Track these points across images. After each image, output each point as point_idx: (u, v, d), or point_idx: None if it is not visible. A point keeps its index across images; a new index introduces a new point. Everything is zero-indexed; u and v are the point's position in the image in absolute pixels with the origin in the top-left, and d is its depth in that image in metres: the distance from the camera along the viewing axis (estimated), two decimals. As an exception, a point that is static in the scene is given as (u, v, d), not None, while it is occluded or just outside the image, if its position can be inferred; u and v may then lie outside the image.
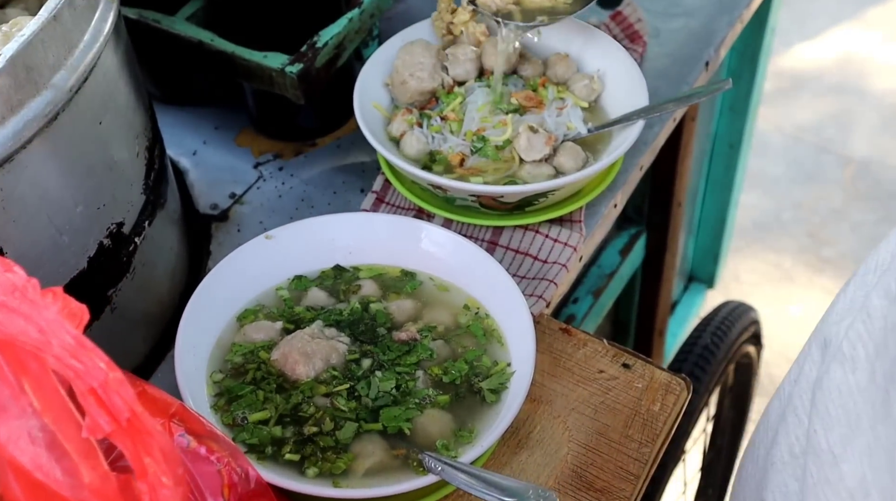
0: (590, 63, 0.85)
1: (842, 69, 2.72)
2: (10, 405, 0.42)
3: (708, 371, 1.12)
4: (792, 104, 2.65)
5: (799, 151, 2.49)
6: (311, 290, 0.70)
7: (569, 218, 0.80)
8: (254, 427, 0.60)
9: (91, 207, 0.65)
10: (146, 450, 0.41)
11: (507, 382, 0.63)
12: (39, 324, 0.42)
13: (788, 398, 0.54)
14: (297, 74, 0.79)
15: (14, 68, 0.55)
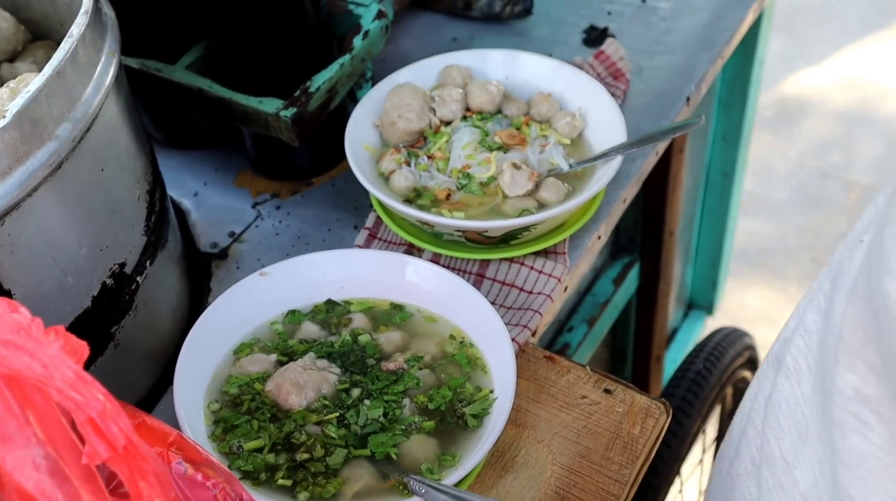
0: (571, 101, 0.88)
1: (845, 94, 2.76)
2: (16, 436, 0.46)
3: (700, 396, 1.15)
4: (795, 130, 2.68)
5: (803, 177, 2.52)
6: (304, 323, 0.73)
7: (553, 250, 0.83)
8: (249, 455, 0.63)
9: (94, 249, 0.69)
10: (141, 475, 0.45)
11: (489, 407, 0.66)
12: (43, 360, 0.45)
13: (748, 413, 0.57)
14: (292, 118, 0.83)
15: (20, 122, 0.59)
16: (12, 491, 0.45)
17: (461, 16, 1.11)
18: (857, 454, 0.41)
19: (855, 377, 0.40)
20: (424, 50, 1.00)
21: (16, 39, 0.82)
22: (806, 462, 0.47)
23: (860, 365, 0.40)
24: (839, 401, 0.41)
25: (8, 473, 0.45)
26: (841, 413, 0.41)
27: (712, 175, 1.59)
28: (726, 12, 1.08)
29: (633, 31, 1.07)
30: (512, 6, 1.08)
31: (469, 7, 1.10)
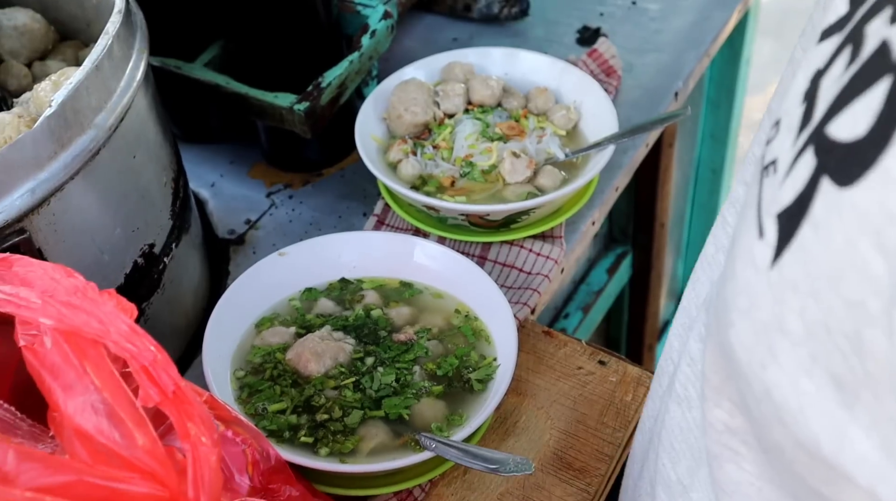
0: (567, 95, 0.94)
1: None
2: (76, 384, 0.51)
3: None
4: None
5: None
6: (320, 300, 0.79)
7: (550, 234, 0.89)
8: (273, 416, 0.69)
9: (127, 229, 0.74)
10: (189, 417, 0.50)
11: (492, 373, 0.72)
12: (99, 317, 0.51)
13: (648, 433, 0.58)
14: (305, 112, 0.89)
15: (64, 111, 0.65)
16: (72, 433, 0.51)
17: (461, 17, 1.17)
18: (732, 482, 0.42)
19: (722, 411, 0.41)
20: (427, 49, 1.05)
21: (46, 39, 0.88)
22: (701, 485, 0.48)
23: (725, 401, 0.41)
24: (711, 435, 0.43)
25: (69, 416, 0.50)
26: (715, 446, 0.43)
27: (702, 172, 1.64)
28: (712, 13, 1.14)
29: (624, 31, 1.13)
30: (509, 8, 1.14)
31: (469, 9, 1.16)
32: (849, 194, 0.30)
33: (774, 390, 0.34)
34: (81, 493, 0.46)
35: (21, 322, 0.53)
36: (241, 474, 0.64)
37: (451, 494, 0.73)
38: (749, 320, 0.35)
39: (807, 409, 0.32)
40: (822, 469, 0.33)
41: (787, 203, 0.34)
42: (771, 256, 0.34)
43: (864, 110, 0.31)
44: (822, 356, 0.31)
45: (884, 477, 0.30)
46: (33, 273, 0.54)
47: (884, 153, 0.29)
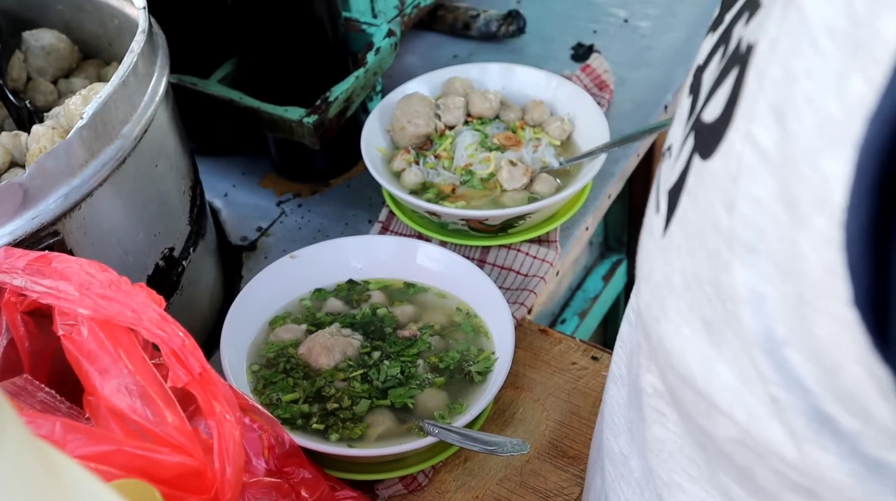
0: (561, 108, 1.00)
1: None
2: (111, 368, 0.56)
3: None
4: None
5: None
6: (329, 299, 0.84)
7: (546, 238, 0.94)
8: (286, 405, 0.74)
9: (149, 233, 0.79)
10: (213, 396, 0.55)
11: (491, 366, 0.77)
12: (132, 306, 0.56)
13: (599, 417, 0.63)
14: (314, 124, 0.94)
15: (94, 122, 0.70)
16: (107, 412, 0.56)
17: (461, 35, 1.23)
18: (658, 440, 0.48)
19: (651, 376, 0.47)
20: (428, 66, 1.10)
21: (71, 58, 0.94)
22: (636, 455, 0.53)
23: (654, 366, 0.47)
24: (644, 399, 0.48)
25: (105, 397, 0.56)
26: (646, 409, 0.48)
27: (695, 183, 1.70)
28: (700, 30, 1.20)
29: (617, 48, 1.19)
30: (507, 26, 1.20)
31: (468, 27, 1.22)
32: (708, 165, 0.36)
33: (665, 339, 0.40)
34: (120, 462, 0.51)
35: (60, 313, 0.59)
36: (257, 458, 0.69)
37: (452, 480, 0.78)
38: (648, 282, 0.42)
39: (686, 351, 0.38)
40: (702, 404, 0.39)
41: (674, 181, 0.40)
42: (662, 226, 0.41)
43: (723, 96, 0.37)
44: (696, 304, 0.37)
45: (739, 400, 0.36)
46: (70, 269, 0.59)
47: (728, 128, 0.35)
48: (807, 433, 0.34)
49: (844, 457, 0.33)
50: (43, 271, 0.59)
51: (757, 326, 0.33)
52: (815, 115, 0.30)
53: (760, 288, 0.33)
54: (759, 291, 0.33)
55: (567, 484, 0.78)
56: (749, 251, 0.33)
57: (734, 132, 0.35)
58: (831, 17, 0.29)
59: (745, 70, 0.35)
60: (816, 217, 0.30)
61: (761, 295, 0.33)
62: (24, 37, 0.92)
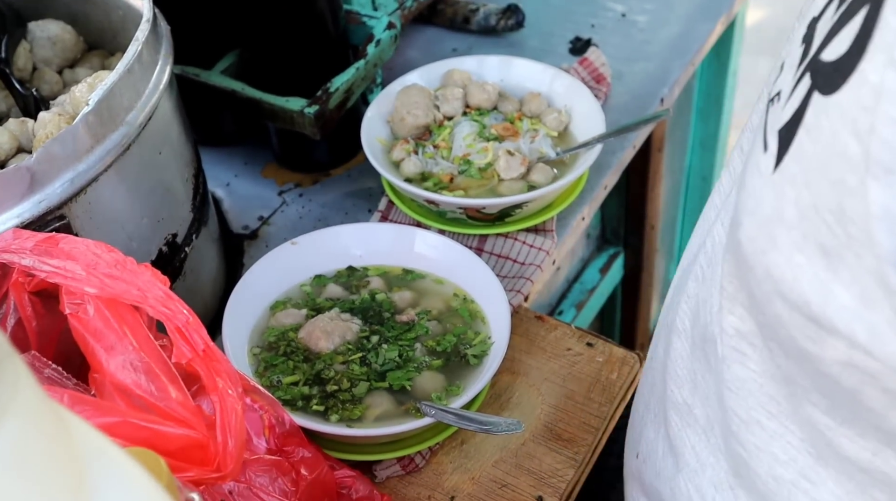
0: (558, 100, 1.01)
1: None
2: (116, 345, 0.58)
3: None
4: (779, 146, 2.81)
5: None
6: (328, 285, 0.86)
7: (542, 227, 0.96)
8: (287, 387, 0.76)
9: (153, 219, 0.81)
10: (216, 372, 0.57)
11: (487, 350, 0.79)
12: (138, 285, 0.58)
13: (647, 372, 0.68)
14: (314, 115, 0.96)
15: (100, 109, 0.72)
16: (112, 388, 0.58)
17: (460, 29, 1.24)
18: (738, 379, 0.51)
19: (735, 317, 0.50)
20: (428, 59, 1.12)
21: (76, 49, 0.95)
22: (700, 402, 0.57)
23: (738, 307, 0.50)
24: (724, 340, 0.51)
25: (111, 373, 0.57)
26: (726, 350, 0.51)
27: (692, 179, 1.71)
28: (696, 24, 1.22)
29: (614, 42, 1.20)
30: (506, 20, 1.21)
31: (467, 21, 1.23)
32: (833, 99, 0.39)
33: (773, 268, 0.43)
34: (126, 433, 0.52)
35: (67, 293, 0.60)
36: (258, 437, 0.70)
37: (449, 462, 0.80)
38: (754, 217, 0.45)
39: (799, 278, 0.41)
40: (812, 327, 0.41)
41: (786, 120, 0.43)
42: (773, 163, 0.43)
43: (847, 35, 0.40)
44: (812, 232, 0.40)
45: (860, 319, 0.39)
46: (77, 250, 0.61)
47: (860, 61, 0.38)
48: None
49: None
50: (50, 252, 0.61)
51: (891, 243, 0.36)
52: None
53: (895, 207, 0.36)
54: (894, 210, 0.36)
55: (561, 466, 0.79)
56: (887, 172, 0.36)
57: (867, 64, 0.37)
58: None
59: (878, 8, 0.38)
60: None
61: None
62: (30, 27, 0.94)
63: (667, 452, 0.62)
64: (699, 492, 0.58)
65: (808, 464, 0.48)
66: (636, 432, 0.70)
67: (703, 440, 0.57)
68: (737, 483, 0.55)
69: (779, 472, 0.50)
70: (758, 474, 0.52)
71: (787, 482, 0.50)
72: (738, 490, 0.55)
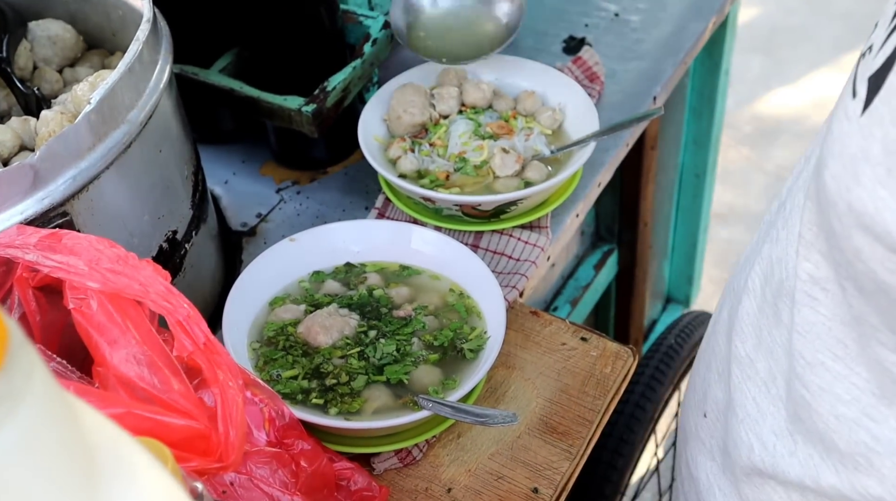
0: (552, 98, 1.03)
1: (819, 113, 2.89)
2: (119, 339, 0.59)
3: (672, 366, 1.28)
4: (772, 145, 2.82)
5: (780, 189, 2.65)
6: (327, 281, 0.87)
7: (537, 224, 0.97)
8: (286, 381, 0.77)
9: (153, 216, 0.82)
10: (217, 365, 0.58)
11: (483, 344, 0.80)
12: (140, 280, 0.59)
13: (710, 336, 0.71)
14: (312, 113, 0.97)
15: (102, 107, 0.73)
16: (116, 381, 0.59)
17: (456, 28, 1.25)
18: (807, 323, 0.54)
19: (810, 264, 0.54)
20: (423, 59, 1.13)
21: (76, 48, 0.96)
22: (763, 356, 0.61)
23: (814, 254, 0.53)
24: (798, 285, 0.55)
25: (114, 366, 0.58)
26: (799, 295, 0.55)
27: (685, 177, 1.73)
28: (689, 24, 1.23)
29: (607, 41, 1.22)
30: (500, 19, 1.22)
31: (462, 21, 1.24)
32: None
33: (856, 202, 0.46)
34: (131, 424, 0.53)
35: (70, 287, 0.61)
36: (258, 430, 0.71)
37: (446, 455, 0.81)
38: (840, 158, 0.48)
39: (882, 210, 0.44)
40: (891, 257, 0.45)
41: (877, 67, 0.46)
42: (861, 107, 0.47)
43: None
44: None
45: None
46: (80, 245, 0.62)
47: None
48: None
49: None
50: (54, 247, 0.62)
51: None
52: None
53: None
54: None
55: (556, 459, 0.80)
56: None
57: None
58: None
59: None
60: None
61: None
62: (31, 27, 0.95)
63: (727, 405, 0.66)
64: (759, 439, 0.61)
65: (871, 403, 0.51)
66: (699, 393, 0.73)
67: (763, 391, 0.61)
68: (795, 428, 0.58)
69: (841, 411, 0.54)
70: (819, 414, 0.55)
71: (849, 420, 0.53)
72: (797, 436, 0.58)
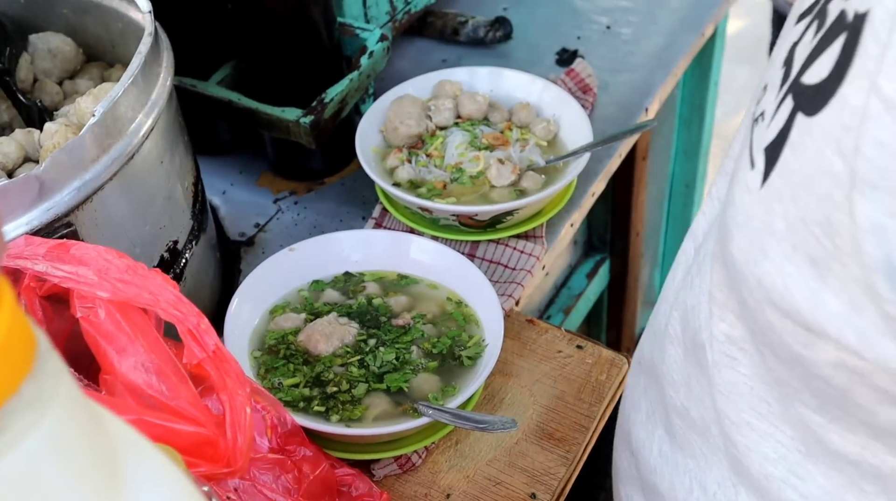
0: (546, 110, 1.04)
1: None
2: (128, 347, 0.60)
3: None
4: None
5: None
6: (326, 290, 0.88)
7: (532, 233, 0.98)
8: (288, 389, 0.78)
9: (155, 226, 0.83)
10: (226, 373, 0.59)
11: (481, 352, 0.81)
12: (150, 289, 0.60)
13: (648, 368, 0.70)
14: (310, 124, 0.98)
15: (106, 120, 0.74)
16: (124, 388, 0.60)
17: (450, 41, 1.27)
18: (729, 383, 0.54)
19: (725, 324, 0.53)
20: (418, 70, 1.14)
21: (75, 60, 0.97)
22: (695, 405, 0.60)
23: (728, 314, 0.53)
24: (715, 346, 0.54)
25: (122, 374, 0.59)
26: (717, 355, 0.54)
27: (675, 186, 1.75)
28: (679, 37, 1.25)
29: (600, 53, 1.23)
30: (494, 32, 1.24)
31: (457, 33, 1.26)
32: (816, 120, 0.42)
33: (765, 278, 0.45)
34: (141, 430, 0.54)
35: (78, 297, 0.62)
36: (261, 437, 0.72)
37: (445, 461, 0.82)
38: (744, 230, 0.47)
39: (790, 286, 0.44)
40: (803, 333, 0.44)
41: (771, 138, 0.46)
42: (760, 179, 0.46)
43: (827, 60, 0.42)
44: (801, 244, 0.43)
45: (849, 324, 0.41)
46: (88, 255, 0.63)
47: (840, 85, 0.40)
48: None
49: None
50: (62, 258, 0.63)
51: (878, 253, 0.39)
52: None
53: (882, 220, 0.38)
54: (881, 223, 0.38)
55: (553, 464, 0.82)
56: (872, 188, 0.38)
57: (848, 88, 0.40)
58: None
59: (858, 35, 0.40)
60: None
61: (883, 227, 0.38)
62: (31, 40, 0.96)
63: (669, 451, 0.65)
64: (702, 488, 0.60)
65: (798, 461, 0.51)
66: (625, 431, 0.73)
67: (703, 440, 0.60)
68: (738, 480, 0.57)
69: (769, 470, 0.53)
70: (750, 472, 0.55)
71: (776, 479, 0.53)
72: (740, 487, 0.57)
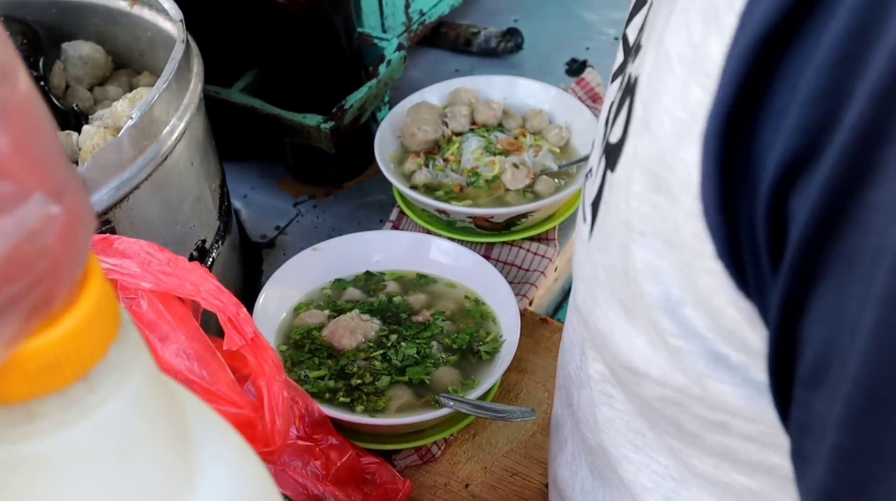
0: (559, 117, 1.08)
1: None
2: (170, 335, 0.63)
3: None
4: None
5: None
6: (348, 289, 0.91)
7: (545, 236, 1.02)
8: (314, 381, 0.81)
9: (185, 226, 0.87)
10: (263, 359, 0.62)
11: (499, 347, 0.85)
12: (191, 280, 0.63)
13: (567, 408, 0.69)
14: (330, 130, 1.02)
15: (142, 122, 0.77)
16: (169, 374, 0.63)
17: (462, 51, 1.31)
18: (608, 420, 0.55)
19: (598, 364, 0.55)
20: (432, 80, 1.18)
21: (105, 67, 1.01)
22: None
23: (599, 355, 0.54)
24: (593, 386, 0.56)
25: (166, 361, 0.63)
26: (595, 394, 0.56)
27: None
28: (686, 47, 1.28)
29: (608, 63, 1.26)
30: (506, 43, 1.28)
31: (469, 44, 1.30)
32: (614, 176, 0.45)
33: (598, 323, 0.49)
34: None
35: (121, 288, 0.66)
36: (290, 425, 0.76)
37: (463, 452, 0.85)
38: (582, 281, 0.51)
39: (614, 330, 0.47)
40: (630, 374, 0.47)
41: (594, 194, 0.49)
42: (588, 232, 0.50)
43: (621, 121, 0.46)
44: (615, 290, 0.46)
45: (652, 362, 0.45)
46: (131, 249, 0.66)
47: (624, 144, 0.44)
48: (706, 371, 0.42)
49: (738, 385, 0.41)
50: (106, 251, 0.66)
51: (656, 292, 0.42)
52: (670, 120, 0.39)
53: (654, 261, 0.42)
54: (653, 264, 0.42)
55: (568, 456, 0.85)
56: (641, 235, 0.42)
57: (629, 146, 0.44)
58: (680, 47, 0.39)
59: (633, 98, 0.44)
60: (684, 197, 0.38)
61: (656, 267, 0.42)
62: (63, 48, 0.99)
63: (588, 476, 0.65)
64: None
65: (672, 487, 0.53)
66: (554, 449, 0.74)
67: (599, 483, 0.62)
68: None
69: (647, 500, 0.55)
70: None
71: None
72: None
